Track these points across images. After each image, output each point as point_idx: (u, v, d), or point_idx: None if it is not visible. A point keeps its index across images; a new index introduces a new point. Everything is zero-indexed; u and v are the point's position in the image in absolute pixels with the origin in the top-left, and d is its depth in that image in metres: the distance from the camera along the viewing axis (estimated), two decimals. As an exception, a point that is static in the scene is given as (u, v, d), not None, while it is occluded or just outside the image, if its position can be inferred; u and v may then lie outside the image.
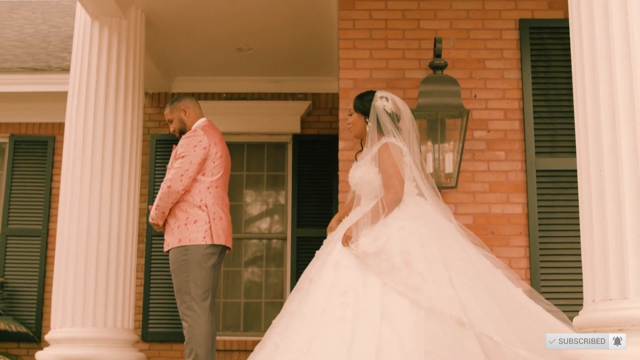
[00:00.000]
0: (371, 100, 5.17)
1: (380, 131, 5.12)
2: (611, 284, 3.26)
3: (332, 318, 4.46)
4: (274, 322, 4.90)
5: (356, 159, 5.35)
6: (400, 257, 4.64)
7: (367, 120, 5.18)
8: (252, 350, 4.95)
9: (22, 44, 10.72)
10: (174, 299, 5.59)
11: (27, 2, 13.71)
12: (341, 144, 6.51)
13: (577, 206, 3.65)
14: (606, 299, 3.28)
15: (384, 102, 5.15)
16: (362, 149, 5.35)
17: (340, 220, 5.26)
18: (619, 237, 3.24)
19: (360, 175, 5.08)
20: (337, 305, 4.51)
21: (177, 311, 5.59)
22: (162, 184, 5.55)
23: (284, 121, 9.75)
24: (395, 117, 5.15)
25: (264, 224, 9.95)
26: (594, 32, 3.45)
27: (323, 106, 9.83)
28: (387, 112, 5.13)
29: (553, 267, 6.29)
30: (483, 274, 4.77)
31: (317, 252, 5.09)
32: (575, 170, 3.70)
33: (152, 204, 5.74)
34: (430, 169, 6.20)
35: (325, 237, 5.20)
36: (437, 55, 6.37)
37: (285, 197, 9.76)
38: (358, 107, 5.25)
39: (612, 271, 3.25)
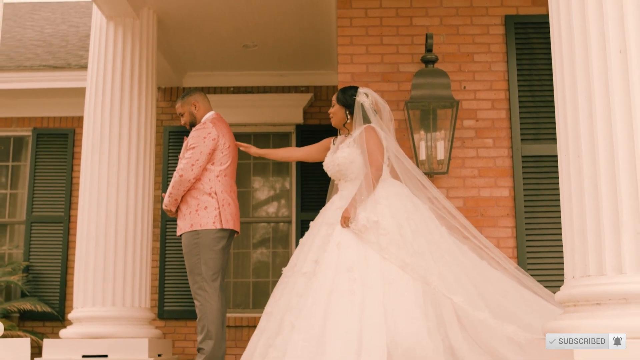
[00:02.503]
0: (353, 95, 5.36)
1: (366, 120, 5.28)
2: (589, 261, 3.27)
3: (343, 292, 4.56)
4: (269, 309, 4.96)
5: (333, 144, 5.52)
6: (396, 230, 4.81)
7: (347, 112, 5.39)
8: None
9: (42, 43, 10.73)
10: (187, 280, 5.63)
11: (47, 4, 13.71)
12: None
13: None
14: (585, 275, 3.30)
15: (364, 98, 5.34)
16: (337, 136, 5.59)
17: None
18: (596, 217, 3.26)
19: (344, 156, 5.21)
20: (345, 280, 4.61)
21: (190, 291, 5.63)
22: (175, 173, 5.57)
23: (287, 112, 9.76)
24: (374, 111, 5.33)
25: (270, 209, 9.98)
26: (572, 28, 3.46)
27: (324, 98, 9.83)
28: (368, 107, 5.32)
29: (538, 246, 6.31)
30: (452, 248, 4.96)
31: (300, 240, 5.20)
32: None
33: (165, 192, 5.76)
34: (423, 156, 6.23)
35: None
36: (429, 50, 6.38)
37: (290, 183, 9.79)
38: (340, 100, 5.43)
39: (590, 250, 3.27)
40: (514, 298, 4.78)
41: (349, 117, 5.37)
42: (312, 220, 5.34)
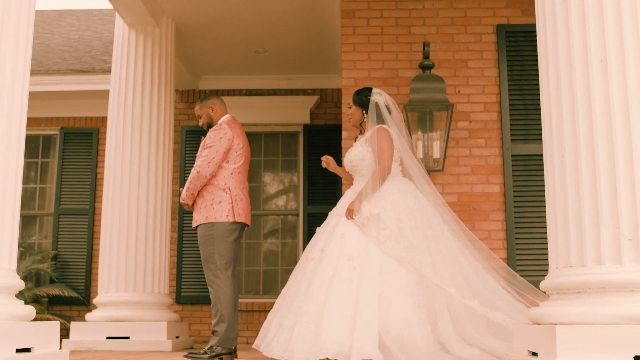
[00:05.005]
0: (368, 95, 5.37)
1: (379, 120, 5.28)
2: (571, 253, 3.28)
3: (342, 279, 4.62)
4: (284, 290, 5.03)
5: (355, 141, 5.51)
6: (395, 224, 4.82)
7: (364, 112, 5.38)
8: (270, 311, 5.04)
9: (69, 48, 10.78)
10: (202, 268, 5.67)
11: (73, 11, 13.74)
12: (344, 134, 6.57)
13: (546, 186, 3.71)
14: (567, 266, 3.31)
15: (378, 97, 5.35)
16: (359, 134, 5.55)
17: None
18: (577, 213, 3.27)
19: (356, 153, 5.26)
20: (345, 269, 4.66)
21: (205, 278, 5.66)
22: (192, 170, 5.61)
23: (295, 113, 9.78)
24: (388, 110, 5.34)
25: (280, 202, 10.01)
26: (557, 39, 3.48)
27: (329, 100, 9.85)
28: (382, 105, 5.31)
29: (526, 239, 6.32)
30: (451, 245, 4.95)
31: (317, 229, 5.23)
32: (545, 155, 3.74)
33: (183, 187, 5.80)
34: (420, 154, 6.25)
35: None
36: (426, 56, 6.40)
37: (298, 178, 9.81)
38: (357, 101, 5.43)
39: (572, 242, 3.28)
40: (502, 298, 4.79)
41: (365, 116, 5.38)
42: (318, 213, 5.38)
